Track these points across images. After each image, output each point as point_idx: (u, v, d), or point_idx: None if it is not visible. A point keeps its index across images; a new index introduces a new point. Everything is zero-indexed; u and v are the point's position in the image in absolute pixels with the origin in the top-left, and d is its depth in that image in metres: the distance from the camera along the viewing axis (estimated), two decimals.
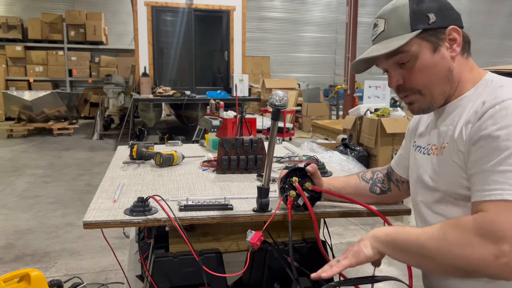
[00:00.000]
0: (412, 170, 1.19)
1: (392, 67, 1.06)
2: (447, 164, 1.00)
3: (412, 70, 1.02)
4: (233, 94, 7.44)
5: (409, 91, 1.05)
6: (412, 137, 1.25)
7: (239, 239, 1.31)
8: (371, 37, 1.10)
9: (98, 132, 8.35)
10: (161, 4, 7.73)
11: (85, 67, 11.28)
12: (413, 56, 1.01)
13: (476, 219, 0.86)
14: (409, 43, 1.00)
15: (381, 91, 8.57)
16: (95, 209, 1.13)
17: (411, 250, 0.92)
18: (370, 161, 5.02)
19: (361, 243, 0.99)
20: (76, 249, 3.29)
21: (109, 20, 11.96)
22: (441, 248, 0.87)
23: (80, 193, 4.77)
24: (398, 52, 1.01)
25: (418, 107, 1.07)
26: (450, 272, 0.90)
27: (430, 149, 1.10)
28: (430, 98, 1.04)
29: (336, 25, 14.31)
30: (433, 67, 1.01)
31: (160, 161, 1.65)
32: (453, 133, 1.00)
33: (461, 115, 1.00)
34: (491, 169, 0.87)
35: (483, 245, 0.82)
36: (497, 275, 0.82)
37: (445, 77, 1.02)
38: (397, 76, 1.05)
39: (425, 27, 1.00)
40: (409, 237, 0.93)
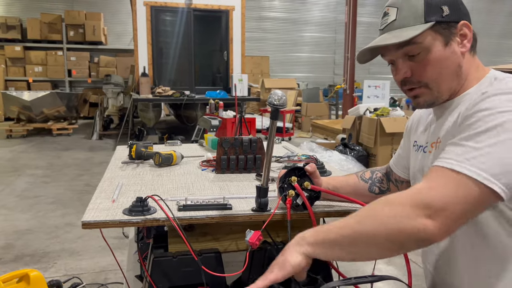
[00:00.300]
0: (413, 170, 1.18)
1: (400, 58, 1.03)
2: None
3: (422, 63, 1.00)
4: (233, 94, 7.44)
5: (416, 84, 1.03)
6: (411, 136, 1.24)
7: (238, 238, 1.31)
8: (380, 26, 1.07)
9: (97, 132, 8.35)
10: (160, 4, 7.73)
11: (84, 67, 11.28)
12: (425, 48, 0.99)
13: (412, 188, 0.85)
14: (423, 34, 0.98)
15: (380, 90, 8.56)
16: (94, 209, 1.13)
17: (343, 241, 0.87)
18: (369, 161, 5.02)
19: (285, 252, 0.93)
20: (76, 249, 3.29)
21: (108, 20, 11.95)
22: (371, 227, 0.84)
23: (80, 193, 4.77)
24: (410, 43, 0.99)
25: (423, 101, 1.05)
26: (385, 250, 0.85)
27: (430, 146, 1.09)
28: (436, 92, 1.02)
29: (335, 25, 14.31)
30: (444, 61, 0.99)
31: (159, 161, 1.65)
32: (448, 129, 1.00)
33: (460, 110, 0.99)
34: (457, 142, 0.87)
35: (413, 212, 0.80)
36: (425, 237, 0.80)
37: (454, 72, 1.01)
38: (406, 68, 1.03)
39: (439, 19, 0.98)
40: (336, 228, 0.88)
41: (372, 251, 0.86)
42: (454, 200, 0.80)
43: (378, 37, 1.06)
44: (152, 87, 7.54)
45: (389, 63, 1.09)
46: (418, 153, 1.15)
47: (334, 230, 0.89)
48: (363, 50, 1.08)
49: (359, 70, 10.25)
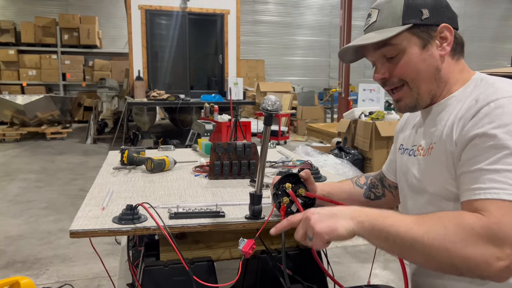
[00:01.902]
0: (399, 173, 1.18)
1: (379, 60, 1.04)
2: (435, 164, 0.98)
3: (399, 64, 1.00)
4: (228, 98, 7.43)
5: (396, 83, 1.03)
6: (399, 140, 1.23)
7: (231, 246, 1.29)
8: (364, 26, 1.08)
9: (91, 136, 8.29)
10: (155, 7, 7.71)
11: (78, 71, 11.22)
12: (401, 50, 0.99)
13: (481, 220, 0.81)
14: (398, 36, 0.98)
15: (375, 94, 8.58)
16: (83, 217, 1.10)
17: (400, 242, 0.84)
18: (365, 165, 5.01)
19: (340, 220, 0.89)
20: (68, 255, 3.24)
21: (103, 23, 11.92)
22: (438, 245, 0.81)
23: (73, 198, 4.72)
24: (386, 44, 1.00)
25: (404, 105, 1.05)
26: (441, 268, 0.83)
27: (416, 150, 1.08)
28: (416, 94, 1.02)
29: (330, 29, 14.35)
30: (420, 64, 0.99)
31: (151, 167, 1.62)
32: (441, 133, 0.98)
33: (449, 114, 0.98)
34: (487, 167, 0.84)
35: (486, 247, 0.78)
36: (492, 277, 0.79)
37: (432, 75, 1.00)
38: (383, 69, 1.04)
39: (417, 22, 0.98)
40: (400, 228, 0.84)
41: (423, 261, 0.85)
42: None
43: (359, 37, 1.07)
44: (147, 90, 7.50)
45: (372, 64, 1.09)
46: (403, 156, 1.15)
47: (395, 226, 0.85)
48: (344, 48, 1.08)
49: (354, 73, 10.28)
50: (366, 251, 3.39)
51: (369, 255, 3.33)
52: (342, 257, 3.28)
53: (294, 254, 1.27)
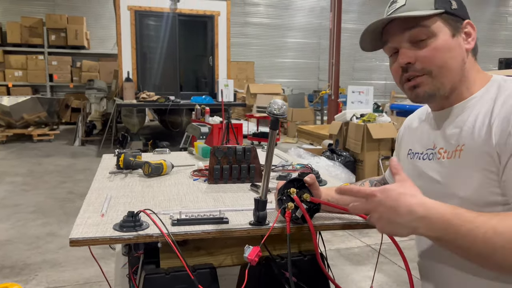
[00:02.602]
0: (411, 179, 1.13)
1: (405, 43, 0.99)
2: (467, 167, 0.93)
3: (428, 49, 0.96)
4: (218, 99, 7.39)
5: (419, 72, 0.98)
6: (402, 145, 1.20)
7: (233, 252, 1.26)
8: (386, 13, 1.03)
9: (79, 138, 8.18)
10: (145, 8, 7.64)
11: (66, 72, 11.07)
12: (432, 33, 0.96)
13: None
14: (432, 19, 0.96)
15: (364, 96, 8.61)
16: (82, 225, 1.06)
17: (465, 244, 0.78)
18: (356, 167, 5.02)
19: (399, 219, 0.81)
20: (58, 260, 3.17)
21: (91, 24, 11.78)
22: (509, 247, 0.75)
23: (62, 201, 4.63)
24: (418, 25, 0.96)
25: (423, 92, 0.99)
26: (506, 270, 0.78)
27: (436, 153, 1.03)
28: (439, 83, 0.98)
29: (320, 31, 14.41)
30: (450, 51, 0.97)
31: (148, 171, 1.58)
32: (472, 134, 0.94)
33: (476, 115, 0.95)
34: None
35: None
36: None
37: (459, 66, 0.98)
38: (410, 53, 0.98)
39: (448, 10, 0.97)
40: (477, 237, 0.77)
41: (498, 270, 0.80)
42: None
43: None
44: (136, 92, 7.43)
45: (390, 53, 1.05)
46: (415, 161, 1.11)
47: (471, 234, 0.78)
48: (366, 32, 1.04)
49: (343, 75, 10.33)
50: (359, 254, 3.39)
51: (362, 257, 3.33)
52: (335, 259, 3.27)
53: (297, 260, 1.25)
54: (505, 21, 16.73)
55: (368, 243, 3.58)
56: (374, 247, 3.50)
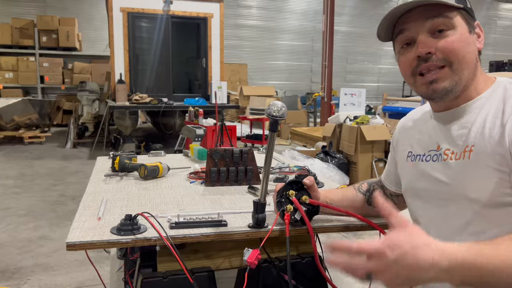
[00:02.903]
0: (410, 181, 1.11)
1: (424, 34, 0.96)
2: (478, 168, 0.92)
3: (448, 40, 0.94)
4: (212, 101, 7.37)
5: (440, 62, 0.95)
6: (400, 147, 1.18)
7: (231, 255, 1.25)
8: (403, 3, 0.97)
9: (71, 140, 8.10)
10: (138, 10, 7.61)
11: (57, 74, 10.98)
12: (453, 26, 0.95)
13: None
14: (454, 11, 0.95)
15: (356, 98, 8.65)
16: (79, 228, 1.05)
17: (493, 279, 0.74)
18: (350, 168, 5.03)
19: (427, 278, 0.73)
20: (50, 264, 3.13)
21: (82, 26, 11.71)
22: None
23: (54, 204, 4.58)
24: (442, 15, 0.94)
25: (442, 87, 0.95)
26: None
27: (442, 154, 1.01)
28: (457, 77, 0.95)
29: (313, 34, 14.46)
30: (468, 45, 0.96)
31: (144, 174, 1.57)
32: (482, 135, 0.93)
33: (484, 115, 0.94)
34: None
35: None
36: None
37: (474, 63, 0.98)
38: (430, 43, 0.95)
39: (466, 7, 0.97)
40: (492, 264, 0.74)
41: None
42: None
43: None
44: (129, 94, 7.39)
45: (403, 43, 1.00)
46: (416, 162, 1.09)
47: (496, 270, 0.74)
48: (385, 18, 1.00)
49: (336, 78, 10.37)
50: None
51: None
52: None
53: (296, 262, 1.24)
54: (495, 24, 16.93)
55: None
56: None
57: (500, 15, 17.50)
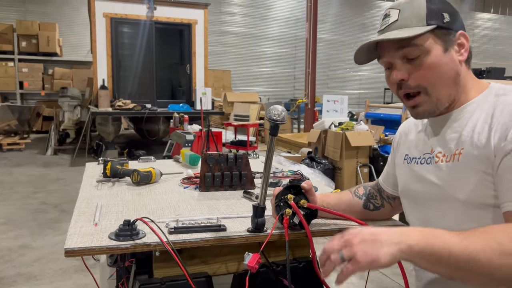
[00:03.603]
0: (405, 183, 1.15)
1: (398, 60, 1.00)
2: (466, 170, 0.95)
3: (421, 66, 0.98)
4: (196, 108, 7.34)
5: (414, 89, 1.00)
6: (399, 150, 1.22)
7: (228, 261, 1.24)
8: (380, 27, 1.04)
9: (52, 147, 7.95)
10: (121, 15, 7.55)
11: (37, 79, 10.78)
12: (425, 51, 0.97)
13: None
14: (423, 36, 0.97)
15: (339, 105, 8.77)
16: (76, 234, 1.03)
17: (454, 263, 0.79)
18: (335, 174, 5.07)
19: (384, 248, 0.80)
20: (33, 274, 3.06)
21: (63, 31, 11.54)
22: (496, 261, 0.78)
23: (34, 213, 4.48)
24: (411, 45, 0.97)
25: (423, 111, 1.02)
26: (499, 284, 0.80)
27: (434, 157, 1.05)
28: (436, 99, 1.00)
29: (295, 41, 14.60)
30: (443, 67, 0.98)
31: (137, 179, 1.55)
32: (471, 138, 0.96)
33: (475, 120, 0.97)
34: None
35: None
36: None
37: (453, 79, 1.00)
38: (403, 70, 1.00)
39: (440, 25, 0.98)
40: (452, 248, 0.79)
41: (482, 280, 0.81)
42: None
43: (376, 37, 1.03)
44: (111, 100, 7.30)
45: (385, 67, 1.06)
46: (412, 166, 1.12)
47: (446, 247, 0.80)
48: (360, 48, 1.05)
49: (318, 85, 10.48)
50: None
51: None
52: None
53: (293, 266, 1.24)
54: (472, 33, 17.41)
55: None
56: None
57: (477, 24, 18.03)
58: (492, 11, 18.81)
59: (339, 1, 15.41)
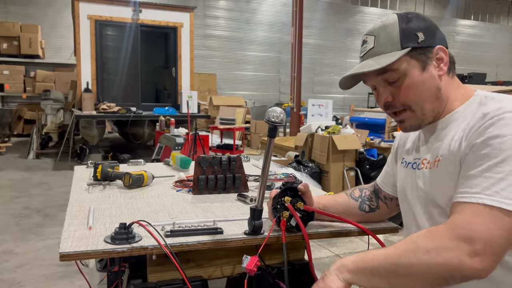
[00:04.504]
0: (402, 186, 1.18)
1: (381, 84, 1.05)
2: (443, 177, 1.00)
3: (401, 87, 1.02)
4: (182, 111, 7.30)
5: (399, 108, 1.05)
6: (398, 153, 1.25)
7: (223, 264, 1.23)
8: (360, 53, 1.09)
9: (34, 150, 7.79)
10: (106, 18, 7.48)
11: (19, 82, 10.57)
12: (403, 74, 1.01)
13: (450, 223, 0.87)
14: (399, 61, 1.00)
15: (324, 109, 8.83)
16: (70, 238, 1.00)
17: (384, 272, 0.89)
18: (322, 177, 5.09)
19: (326, 279, 0.92)
20: (16, 280, 2.98)
21: (46, 33, 11.36)
22: (415, 260, 0.85)
23: (17, 218, 4.38)
24: (388, 70, 1.01)
25: (409, 125, 1.07)
26: (428, 283, 0.87)
27: (420, 163, 1.10)
28: (420, 114, 1.05)
29: (280, 45, 14.67)
30: (422, 85, 1.02)
31: (129, 182, 1.53)
32: (449, 146, 1.00)
33: (456, 129, 1.01)
34: (478, 174, 0.88)
35: (457, 247, 0.83)
36: (472, 275, 0.83)
37: (434, 94, 1.03)
38: (386, 93, 1.05)
39: (414, 46, 1.01)
40: (378, 259, 0.90)
41: (415, 284, 0.87)
42: (495, 234, 0.82)
43: (358, 64, 1.08)
44: (96, 103, 7.21)
45: (372, 88, 1.11)
46: (407, 170, 1.16)
47: (375, 259, 0.90)
48: (344, 78, 1.10)
49: (303, 89, 10.55)
50: (329, 264, 3.42)
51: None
52: None
53: (289, 269, 1.23)
54: (453, 39, 17.77)
55: (336, 252, 3.63)
56: (343, 256, 3.55)
57: (458, 31, 18.41)
58: (473, 18, 19.26)
59: (324, 7, 15.56)
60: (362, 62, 1.06)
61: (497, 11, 19.99)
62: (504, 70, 19.40)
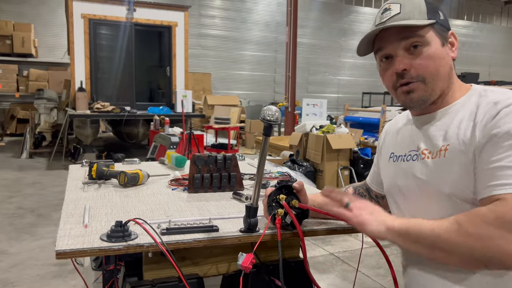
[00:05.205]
0: (391, 180, 1.18)
1: (400, 51, 1.04)
2: (452, 165, 1.00)
3: (422, 56, 1.02)
4: (176, 110, 7.29)
5: (414, 79, 1.04)
6: (383, 150, 1.25)
7: (219, 262, 1.24)
8: (380, 20, 1.06)
9: (27, 150, 7.75)
10: (100, 17, 7.45)
11: (11, 81, 10.50)
12: (426, 42, 1.02)
13: (494, 210, 0.87)
14: (425, 29, 1.02)
15: (318, 108, 8.85)
16: (66, 236, 1.01)
17: (425, 242, 0.92)
18: (316, 176, 5.11)
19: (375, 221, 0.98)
20: (10, 280, 2.97)
21: (39, 31, 11.30)
22: (458, 241, 0.88)
23: (11, 218, 4.35)
24: (414, 35, 1.02)
25: (417, 97, 1.05)
26: (466, 263, 0.91)
27: (420, 153, 1.09)
28: (431, 89, 1.04)
29: (275, 45, 14.68)
30: (441, 59, 1.04)
31: (124, 181, 1.53)
32: (456, 135, 1.00)
33: (460, 118, 1.02)
34: (508, 164, 0.89)
35: (501, 236, 0.84)
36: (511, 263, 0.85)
37: (447, 73, 1.05)
38: (405, 60, 1.04)
39: (438, 21, 1.04)
40: (423, 229, 0.93)
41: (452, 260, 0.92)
42: None
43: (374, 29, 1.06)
44: (89, 102, 7.18)
45: (383, 57, 1.08)
46: (397, 163, 1.16)
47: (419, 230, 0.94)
48: (363, 38, 1.08)
49: (298, 88, 10.57)
50: (324, 262, 3.44)
51: (326, 265, 3.38)
52: None
53: (284, 266, 1.24)
54: None
55: (331, 251, 3.64)
56: (337, 255, 3.56)
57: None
58: (466, 18, 19.39)
59: (318, 7, 15.60)
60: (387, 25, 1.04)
61: (490, 11, 20.15)
62: (497, 70, 19.58)
